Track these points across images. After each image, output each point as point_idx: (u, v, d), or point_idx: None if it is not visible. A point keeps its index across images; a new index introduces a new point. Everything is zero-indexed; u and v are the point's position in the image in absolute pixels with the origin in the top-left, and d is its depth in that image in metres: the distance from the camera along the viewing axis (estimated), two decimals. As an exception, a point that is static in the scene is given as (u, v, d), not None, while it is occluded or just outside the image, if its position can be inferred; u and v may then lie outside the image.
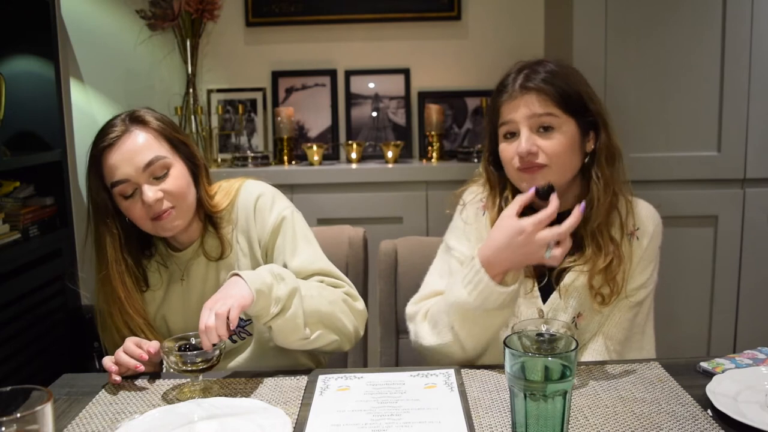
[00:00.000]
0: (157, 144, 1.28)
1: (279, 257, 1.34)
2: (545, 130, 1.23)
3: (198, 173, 1.36)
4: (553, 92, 1.23)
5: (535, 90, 1.23)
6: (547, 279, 1.29)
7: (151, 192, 1.25)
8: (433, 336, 1.28)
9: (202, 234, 1.37)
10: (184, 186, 1.30)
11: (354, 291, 1.34)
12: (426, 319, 1.32)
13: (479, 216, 1.37)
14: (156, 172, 1.27)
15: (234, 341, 1.38)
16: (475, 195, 1.39)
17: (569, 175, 1.27)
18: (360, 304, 1.33)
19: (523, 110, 1.23)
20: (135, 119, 1.29)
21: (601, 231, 1.27)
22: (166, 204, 1.27)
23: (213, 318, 1.07)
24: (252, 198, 1.37)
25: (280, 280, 1.18)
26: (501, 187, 1.34)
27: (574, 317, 1.28)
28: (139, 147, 1.26)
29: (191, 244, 1.37)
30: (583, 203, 1.19)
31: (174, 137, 1.32)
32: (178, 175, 1.29)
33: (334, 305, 1.26)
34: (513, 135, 1.26)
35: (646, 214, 1.33)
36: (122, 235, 1.31)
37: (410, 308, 1.38)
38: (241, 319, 1.35)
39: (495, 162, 1.34)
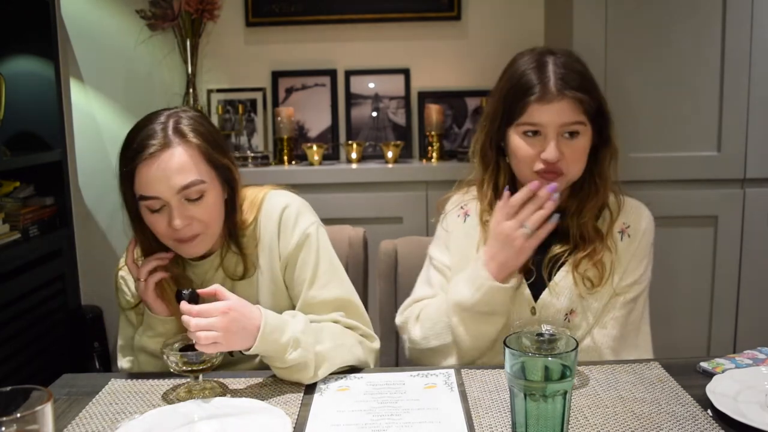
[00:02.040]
0: (196, 166, 1.18)
1: (299, 276, 1.30)
2: (570, 136, 1.23)
3: (234, 197, 1.27)
4: (588, 100, 1.23)
5: (572, 98, 1.21)
6: (536, 276, 1.30)
7: (180, 218, 1.17)
8: (431, 339, 1.29)
9: (221, 245, 1.31)
10: (215, 214, 1.22)
11: (370, 330, 1.31)
12: (418, 323, 1.33)
13: (459, 223, 1.38)
14: (190, 195, 1.18)
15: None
16: (455, 204, 1.41)
17: (577, 178, 1.28)
18: (376, 343, 1.30)
19: (556, 118, 1.21)
20: (178, 131, 1.19)
21: (587, 224, 1.28)
22: (193, 230, 1.20)
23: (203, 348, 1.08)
24: (277, 211, 1.31)
25: (295, 348, 1.14)
26: (495, 171, 1.33)
27: (566, 314, 1.29)
28: (177, 167, 1.16)
29: (210, 255, 1.32)
30: (556, 216, 1.23)
31: (215, 159, 1.22)
32: (212, 202, 1.21)
33: (350, 354, 1.23)
34: (535, 134, 1.24)
35: (636, 212, 1.34)
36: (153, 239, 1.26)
37: (398, 318, 1.39)
38: None
39: (495, 147, 1.33)
